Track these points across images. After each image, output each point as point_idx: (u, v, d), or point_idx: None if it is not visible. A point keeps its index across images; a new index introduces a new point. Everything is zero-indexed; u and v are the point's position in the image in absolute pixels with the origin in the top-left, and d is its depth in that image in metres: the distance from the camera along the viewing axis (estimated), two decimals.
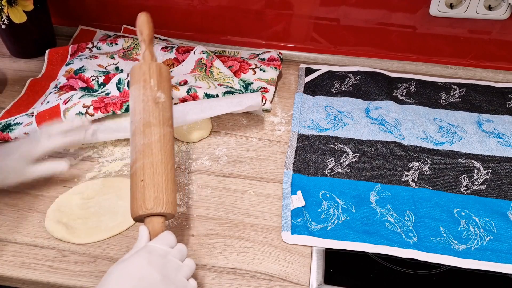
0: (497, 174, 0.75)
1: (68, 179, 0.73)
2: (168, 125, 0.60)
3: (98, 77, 0.84)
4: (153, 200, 0.53)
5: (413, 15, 0.93)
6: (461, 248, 0.64)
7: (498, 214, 0.69)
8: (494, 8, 0.88)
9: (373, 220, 0.67)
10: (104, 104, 0.77)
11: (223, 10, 0.99)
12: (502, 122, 0.85)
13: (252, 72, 0.93)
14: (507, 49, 0.95)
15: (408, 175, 0.75)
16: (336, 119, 0.85)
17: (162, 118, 0.59)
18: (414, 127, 0.84)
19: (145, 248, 0.51)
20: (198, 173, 0.75)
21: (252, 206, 0.70)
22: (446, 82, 0.96)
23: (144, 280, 0.48)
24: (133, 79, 0.63)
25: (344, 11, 0.95)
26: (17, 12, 0.86)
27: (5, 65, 0.98)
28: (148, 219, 0.54)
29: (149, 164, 0.55)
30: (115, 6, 1.04)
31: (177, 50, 0.95)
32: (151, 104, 0.59)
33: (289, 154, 0.78)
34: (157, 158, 0.56)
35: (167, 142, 0.58)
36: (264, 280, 0.60)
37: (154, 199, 0.53)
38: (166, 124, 0.59)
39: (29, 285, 0.61)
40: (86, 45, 0.98)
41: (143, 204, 0.53)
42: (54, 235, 0.64)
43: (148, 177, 0.54)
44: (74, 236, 0.64)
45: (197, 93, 0.79)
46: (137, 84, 0.61)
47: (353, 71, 0.97)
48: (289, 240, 0.64)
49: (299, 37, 1.01)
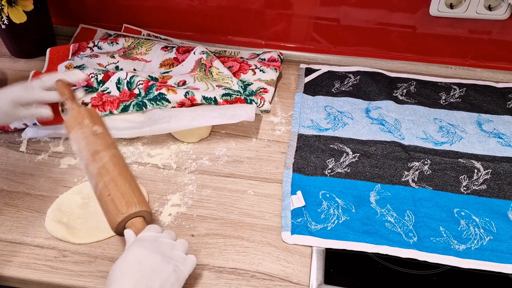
0: (497, 174, 0.75)
1: (68, 179, 0.73)
2: (113, 147, 0.64)
3: (97, 74, 0.84)
4: (125, 204, 0.57)
5: (413, 15, 0.93)
6: (461, 248, 0.64)
7: (498, 214, 0.69)
8: (494, 8, 0.88)
9: (373, 220, 0.67)
10: (102, 102, 0.77)
11: (223, 10, 0.99)
12: (502, 122, 0.85)
13: (251, 72, 0.93)
14: (507, 49, 0.95)
15: (408, 175, 0.75)
16: (336, 119, 0.85)
17: (105, 144, 0.63)
18: (414, 127, 0.84)
19: (135, 240, 0.54)
20: (198, 173, 0.75)
21: (252, 206, 0.70)
22: (446, 82, 0.96)
23: (145, 263, 0.50)
24: (69, 128, 0.67)
25: (344, 11, 0.95)
26: (17, 12, 0.86)
27: (5, 65, 0.98)
28: (129, 223, 0.57)
29: (110, 180, 0.59)
30: (115, 6, 1.04)
31: (177, 50, 0.95)
32: (91, 137, 0.63)
33: (289, 154, 0.78)
34: (114, 173, 0.59)
35: (118, 159, 0.62)
36: (264, 280, 0.60)
37: (126, 203, 0.57)
38: (112, 147, 0.63)
39: (29, 285, 0.61)
40: (87, 44, 0.98)
41: (117, 212, 0.56)
42: (54, 235, 0.64)
43: (113, 190, 0.58)
44: (74, 236, 0.64)
45: (194, 96, 0.79)
46: (74, 129, 0.65)
47: (353, 71, 0.97)
48: (289, 240, 0.64)
49: (299, 37, 1.01)
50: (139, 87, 0.80)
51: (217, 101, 0.81)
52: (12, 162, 0.76)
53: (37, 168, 0.75)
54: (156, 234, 0.55)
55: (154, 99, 0.78)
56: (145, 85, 0.80)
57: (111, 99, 0.78)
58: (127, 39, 0.99)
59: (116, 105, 0.77)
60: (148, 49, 0.96)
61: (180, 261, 0.53)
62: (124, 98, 0.80)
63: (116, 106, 0.77)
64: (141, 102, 0.78)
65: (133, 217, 0.57)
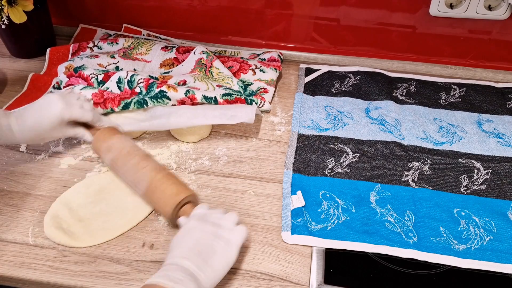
0: (497, 174, 0.75)
1: (68, 179, 0.73)
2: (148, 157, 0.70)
3: (98, 74, 0.84)
4: (175, 194, 0.63)
5: (413, 15, 0.93)
6: (461, 248, 0.64)
7: (498, 214, 0.69)
8: (494, 8, 0.88)
9: (373, 220, 0.67)
10: (104, 100, 0.77)
11: (223, 10, 0.99)
12: (502, 122, 0.85)
13: (252, 72, 0.93)
14: (507, 49, 0.95)
15: (408, 175, 0.75)
16: (336, 119, 0.85)
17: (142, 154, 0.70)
18: (414, 127, 0.84)
19: (188, 218, 0.60)
20: (198, 173, 0.75)
21: (252, 206, 0.70)
22: (446, 82, 0.96)
23: (195, 231, 0.56)
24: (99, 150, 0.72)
25: (344, 11, 0.95)
26: (17, 12, 0.86)
27: (5, 65, 0.98)
28: (180, 211, 0.63)
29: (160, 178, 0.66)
30: (115, 6, 1.04)
31: (177, 50, 0.95)
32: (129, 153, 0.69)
33: (289, 154, 0.78)
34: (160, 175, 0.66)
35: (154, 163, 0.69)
36: (264, 280, 0.60)
37: (175, 193, 0.63)
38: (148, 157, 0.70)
39: (29, 285, 0.61)
40: (87, 44, 0.98)
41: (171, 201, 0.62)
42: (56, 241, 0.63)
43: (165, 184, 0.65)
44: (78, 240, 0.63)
45: (195, 95, 0.79)
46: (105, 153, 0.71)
47: (353, 71, 0.97)
48: (289, 240, 0.64)
49: (299, 37, 1.01)
50: (140, 85, 0.80)
51: (218, 101, 0.81)
52: (12, 162, 0.76)
53: (37, 168, 0.75)
54: (205, 211, 0.60)
55: (155, 96, 0.79)
56: (146, 83, 0.80)
57: (112, 96, 0.78)
58: (127, 39, 0.99)
59: (117, 102, 0.77)
60: (148, 49, 0.96)
61: (228, 230, 0.57)
62: (125, 95, 0.80)
63: (117, 104, 0.77)
64: (142, 100, 0.78)
65: (183, 205, 0.63)
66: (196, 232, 0.56)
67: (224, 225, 0.58)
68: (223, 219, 0.59)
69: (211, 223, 0.57)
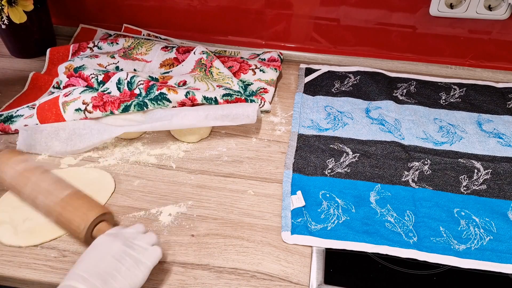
0: (497, 174, 0.75)
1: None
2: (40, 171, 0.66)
3: (98, 75, 0.84)
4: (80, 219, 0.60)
5: (413, 15, 0.93)
6: (461, 248, 0.64)
7: (498, 214, 0.69)
8: (494, 8, 0.88)
9: (373, 220, 0.67)
10: (103, 103, 0.77)
11: (223, 10, 0.99)
12: (502, 122, 0.85)
13: (252, 72, 0.93)
14: (507, 49, 0.95)
15: (408, 175, 0.75)
16: (336, 119, 0.85)
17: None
18: (414, 127, 0.84)
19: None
20: (198, 173, 0.75)
21: (252, 206, 0.70)
22: (446, 82, 0.96)
23: (103, 247, 0.54)
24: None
25: (344, 11, 0.95)
26: (17, 12, 0.86)
27: (5, 65, 0.98)
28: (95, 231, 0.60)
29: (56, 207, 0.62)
30: (115, 6, 1.04)
31: (177, 50, 0.95)
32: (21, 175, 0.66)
33: (289, 154, 0.78)
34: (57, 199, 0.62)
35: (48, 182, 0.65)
36: (264, 280, 0.60)
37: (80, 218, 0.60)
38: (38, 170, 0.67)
39: (29, 285, 0.61)
40: (87, 44, 0.98)
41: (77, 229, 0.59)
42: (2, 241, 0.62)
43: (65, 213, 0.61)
44: (22, 238, 0.62)
45: (195, 96, 0.79)
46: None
47: (353, 71, 0.97)
48: (289, 240, 0.64)
49: (299, 37, 1.01)
50: (140, 87, 0.80)
51: (218, 101, 0.81)
52: None
53: None
54: (119, 229, 0.58)
55: (155, 99, 0.78)
56: (146, 85, 0.80)
57: (111, 99, 0.77)
58: (127, 39, 0.99)
59: (117, 105, 0.77)
60: (148, 49, 0.96)
61: (140, 249, 0.55)
62: (125, 98, 0.79)
63: (117, 106, 0.77)
64: (142, 102, 0.78)
65: (95, 225, 0.60)
66: (102, 248, 0.54)
67: (137, 244, 0.55)
68: (138, 238, 0.56)
69: (123, 241, 0.55)
